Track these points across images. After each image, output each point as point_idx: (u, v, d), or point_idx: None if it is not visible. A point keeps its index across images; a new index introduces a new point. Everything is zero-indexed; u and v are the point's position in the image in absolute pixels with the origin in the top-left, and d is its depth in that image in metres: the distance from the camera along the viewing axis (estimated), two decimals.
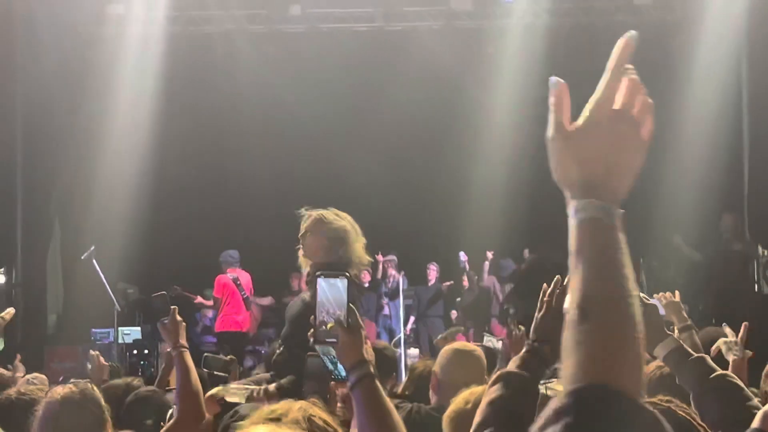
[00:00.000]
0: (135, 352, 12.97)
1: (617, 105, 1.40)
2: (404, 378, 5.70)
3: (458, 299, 14.46)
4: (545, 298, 2.73)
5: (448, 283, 14.68)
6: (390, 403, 2.50)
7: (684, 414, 2.63)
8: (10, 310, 6.94)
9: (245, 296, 13.50)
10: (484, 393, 3.69)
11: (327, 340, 2.55)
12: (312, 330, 2.58)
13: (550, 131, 1.41)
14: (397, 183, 14.94)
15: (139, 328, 13.96)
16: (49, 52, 13.82)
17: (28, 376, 6.19)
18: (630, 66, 1.40)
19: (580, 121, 1.41)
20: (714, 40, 13.28)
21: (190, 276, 14.73)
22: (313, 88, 14.78)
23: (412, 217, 15.06)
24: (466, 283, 14.34)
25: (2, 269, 15.90)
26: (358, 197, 14.46)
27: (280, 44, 14.95)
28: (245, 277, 13.69)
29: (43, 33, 13.88)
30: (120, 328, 13.14)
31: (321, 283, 2.57)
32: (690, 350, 3.02)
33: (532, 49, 14.03)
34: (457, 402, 3.58)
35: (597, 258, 1.39)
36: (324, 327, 2.55)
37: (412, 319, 14.44)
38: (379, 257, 14.04)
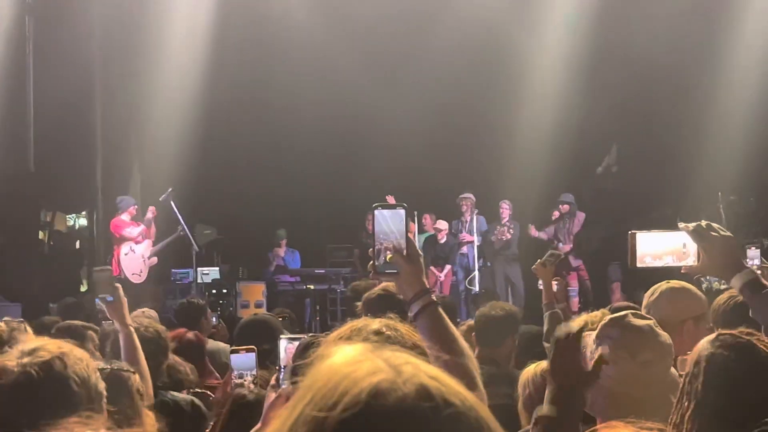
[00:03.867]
0: (214, 291, 13.24)
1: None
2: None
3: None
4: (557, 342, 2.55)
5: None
6: (455, 329, 2.49)
7: (766, 348, 2.55)
8: None
9: None
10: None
11: (387, 271, 2.52)
12: (370, 263, 2.54)
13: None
14: (453, 125, 14.94)
15: (217, 268, 14.23)
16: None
17: (139, 311, 6.37)
18: None
19: None
20: None
21: (264, 217, 14.94)
22: (357, 34, 14.62)
23: (488, 157, 14.99)
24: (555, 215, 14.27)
25: (84, 213, 16.30)
26: (409, 143, 14.59)
27: None
28: None
29: None
30: (199, 269, 13.37)
31: (378, 214, 2.52)
32: (766, 283, 2.99)
33: None
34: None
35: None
36: (383, 259, 2.52)
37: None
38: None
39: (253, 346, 3.73)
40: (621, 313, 3.00)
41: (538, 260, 6.34)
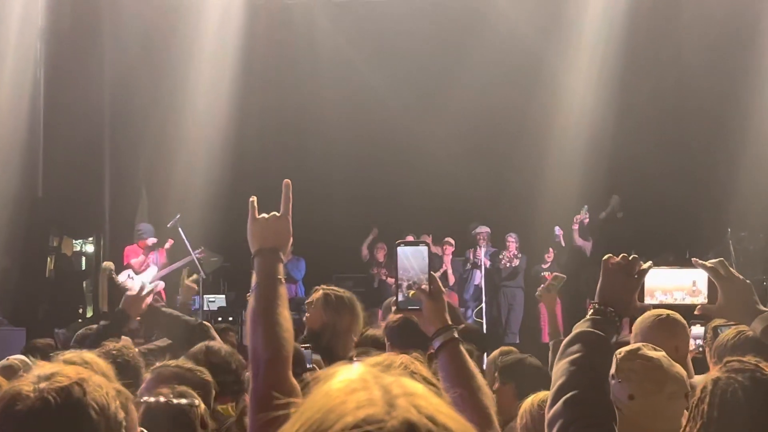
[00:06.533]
0: (220, 319, 13.16)
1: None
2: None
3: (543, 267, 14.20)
4: (606, 264, 2.64)
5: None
6: (474, 367, 2.49)
7: None
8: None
9: None
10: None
11: (410, 307, 2.57)
12: (393, 299, 2.62)
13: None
14: (475, 155, 14.86)
15: (223, 296, 14.17)
16: (132, 25, 14.01)
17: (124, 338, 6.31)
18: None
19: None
20: None
21: None
22: (390, 58, 14.75)
23: (494, 188, 14.95)
24: (550, 256, 14.14)
25: (91, 238, 16.28)
26: (437, 169, 14.55)
27: (357, 14, 14.89)
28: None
29: (125, 6, 14.09)
30: (205, 296, 13.31)
31: (401, 251, 2.57)
32: None
33: (611, 15, 13.84)
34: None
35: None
36: (406, 295, 2.55)
37: None
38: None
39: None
40: (634, 346, 2.95)
41: (541, 286, 6.10)
